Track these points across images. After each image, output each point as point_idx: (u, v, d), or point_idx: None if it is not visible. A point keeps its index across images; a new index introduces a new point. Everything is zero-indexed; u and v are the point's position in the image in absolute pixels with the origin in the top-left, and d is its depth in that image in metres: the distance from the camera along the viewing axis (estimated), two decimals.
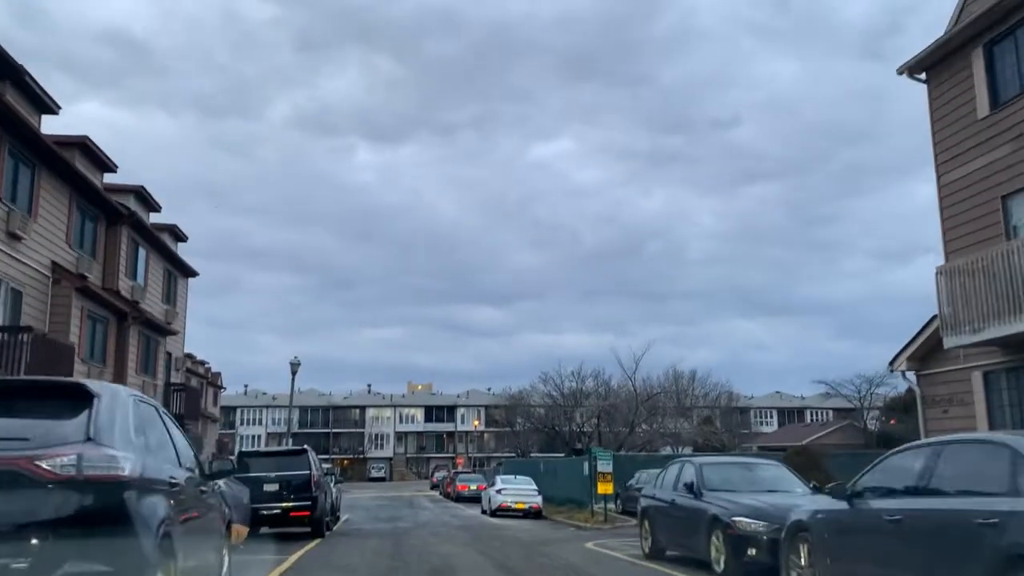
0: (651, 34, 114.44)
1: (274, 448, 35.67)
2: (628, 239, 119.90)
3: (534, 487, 30.88)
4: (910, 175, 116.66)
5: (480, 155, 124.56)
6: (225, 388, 72.11)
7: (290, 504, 17.63)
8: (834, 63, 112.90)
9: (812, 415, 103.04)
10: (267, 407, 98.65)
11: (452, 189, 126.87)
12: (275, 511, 17.52)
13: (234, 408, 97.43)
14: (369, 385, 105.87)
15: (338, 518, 26.98)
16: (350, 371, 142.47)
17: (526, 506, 30.03)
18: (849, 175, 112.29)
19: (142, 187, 29.43)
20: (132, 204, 28.63)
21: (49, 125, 20.12)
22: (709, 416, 60.55)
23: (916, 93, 15.75)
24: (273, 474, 17.87)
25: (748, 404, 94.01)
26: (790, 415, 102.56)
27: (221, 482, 9.37)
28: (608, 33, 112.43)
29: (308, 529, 18.09)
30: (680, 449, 49.97)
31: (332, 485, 24.70)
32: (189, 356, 44.36)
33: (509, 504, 29.88)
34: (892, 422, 50.75)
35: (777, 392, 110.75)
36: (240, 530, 15.31)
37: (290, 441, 38.83)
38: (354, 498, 50.09)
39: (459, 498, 44.34)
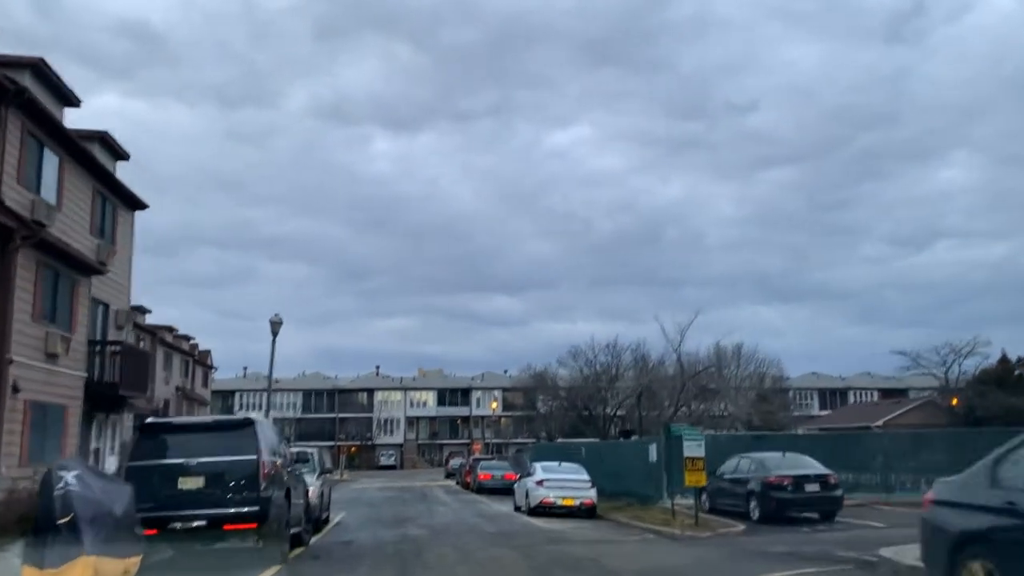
0: (670, 19, 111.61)
1: (197, 419, 24.97)
2: (644, 226, 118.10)
3: (586, 477, 23.69)
4: (927, 159, 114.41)
5: (497, 143, 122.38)
6: (216, 368, 65.17)
7: (222, 511, 10.50)
8: (855, 46, 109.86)
9: (856, 395, 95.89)
10: (268, 390, 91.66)
11: (468, 177, 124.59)
12: (196, 522, 10.40)
13: (232, 392, 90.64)
14: (377, 367, 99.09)
15: (326, 521, 19.95)
16: (359, 359, 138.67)
17: (575, 502, 22.85)
18: (866, 160, 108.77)
19: (106, 132, 22.66)
20: (96, 152, 21.65)
21: None
22: (763, 394, 53.18)
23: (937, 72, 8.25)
24: (195, 461, 10.73)
25: (786, 385, 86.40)
26: (831, 396, 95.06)
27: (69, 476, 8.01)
28: (626, 18, 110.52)
29: (260, 545, 11.02)
30: (737, 430, 42.68)
31: (312, 477, 17.66)
32: (139, 311, 36.90)
33: (553, 500, 22.71)
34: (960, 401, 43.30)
35: (813, 373, 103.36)
36: (106, 566, 8.16)
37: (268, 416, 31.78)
38: (359, 490, 43.15)
39: (481, 489, 37.29)
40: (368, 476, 68.64)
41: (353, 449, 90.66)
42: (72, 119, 20.48)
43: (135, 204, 24.60)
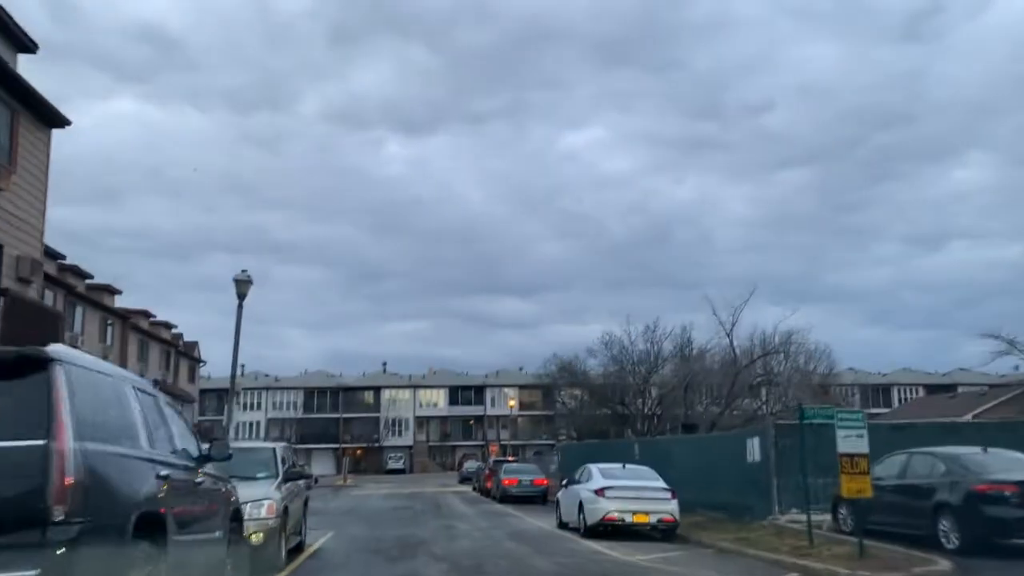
0: (686, 18, 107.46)
1: None
2: (657, 228, 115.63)
3: (662, 484, 17.20)
4: (943, 159, 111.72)
5: (510, 145, 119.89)
6: (204, 362, 58.94)
7: None
8: (872, 45, 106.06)
9: (900, 392, 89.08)
10: (268, 389, 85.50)
11: (481, 180, 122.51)
12: None
13: (227, 391, 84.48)
14: (384, 363, 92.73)
15: (300, 549, 13.59)
16: (369, 362, 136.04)
17: (651, 519, 16.39)
18: (882, 160, 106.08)
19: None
20: None
21: None
22: (823, 387, 46.43)
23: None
24: None
25: (837, 380, 79.68)
26: (874, 392, 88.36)
27: None
28: (642, 18, 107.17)
29: None
30: None
31: (268, 487, 11.37)
32: (52, 256, 30.22)
33: (620, 516, 16.25)
34: None
35: (851, 368, 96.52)
36: None
37: (231, 406, 25.72)
38: (360, 497, 36.78)
39: (505, 497, 30.90)
40: (374, 481, 62.39)
41: (359, 452, 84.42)
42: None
43: (51, 118, 18.28)
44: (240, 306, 20.59)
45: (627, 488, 16.78)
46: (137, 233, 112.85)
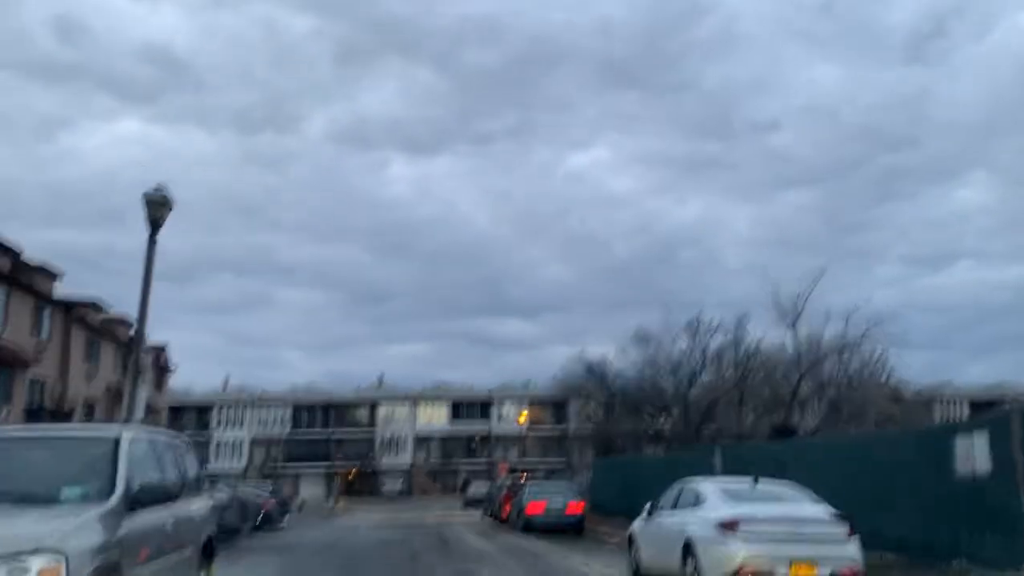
0: (692, 39, 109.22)
1: None
2: (661, 248, 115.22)
3: (826, 511, 10.31)
4: (947, 180, 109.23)
5: (515, 165, 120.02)
6: (174, 369, 51.93)
7: None
8: (876, 67, 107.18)
9: (942, 406, 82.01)
10: (252, 405, 78.30)
11: (485, 200, 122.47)
12: None
13: (209, 407, 77.28)
14: (381, 375, 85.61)
15: None
16: (365, 380, 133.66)
17: (822, 572, 9.50)
18: (886, 180, 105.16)
19: None
20: None
21: None
22: (897, 396, 39.39)
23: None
24: None
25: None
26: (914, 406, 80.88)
27: None
28: (649, 38, 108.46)
29: None
30: None
31: (89, 514, 4.44)
32: None
33: (770, 569, 9.38)
34: None
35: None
36: None
37: None
38: (348, 528, 29.69)
39: (529, 526, 23.97)
40: (368, 505, 55.33)
41: (352, 473, 77.16)
42: None
43: None
44: (153, 237, 13.76)
45: (775, 520, 9.86)
46: (140, 254, 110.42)
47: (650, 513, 12.62)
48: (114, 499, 5.54)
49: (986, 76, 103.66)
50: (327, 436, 76.71)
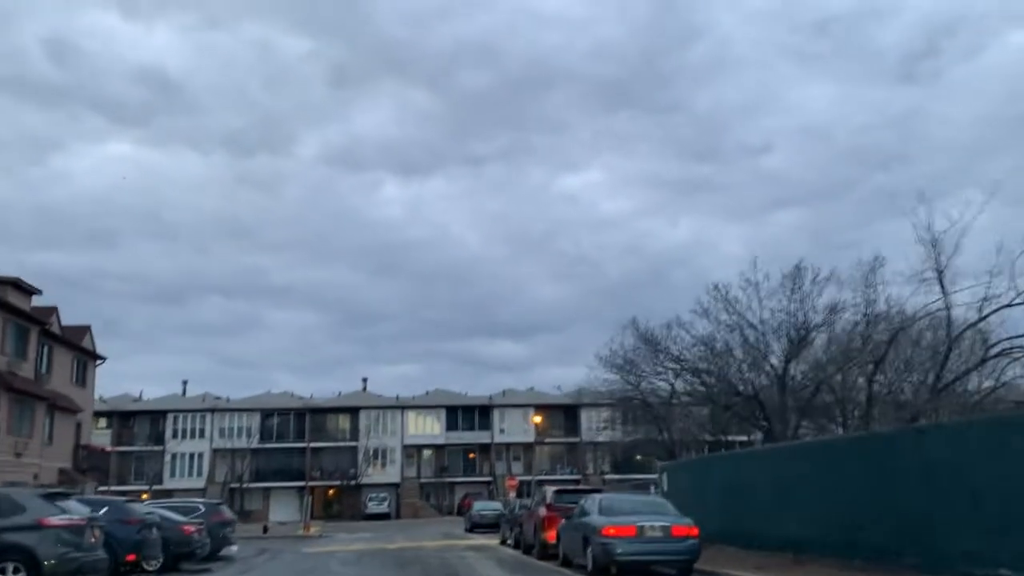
0: (686, 61, 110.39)
1: None
2: (652, 269, 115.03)
3: None
4: (939, 199, 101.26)
5: (508, 187, 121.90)
6: (102, 360, 41.21)
7: None
8: (868, 87, 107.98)
9: None
10: (214, 411, 67.59)
11: (478, 222, 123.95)
12: None
13: (163, 413, 66.52)
14: (365, 380, 75.20)
15: None
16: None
17: None
18: (878, 200, 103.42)
19: None
20: None
21: None
22: None
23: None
24: None
25: None
26: None
27: None
28: (642, 61, 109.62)
29: None
30: None
31: None
32: None
33: None
34: None
35: None
36: None
37: None
38: (321, 556, 19.55)
39: (607, 563, 14.02)
40: (349, 528, 45.07)
41: (331, 492, 66.58)
42: None
43: None
44: None
45: None
46: (131, 276, 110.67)
47: None
48: None
49: (978, 96, 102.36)
50: (302, 448, 65.95)
